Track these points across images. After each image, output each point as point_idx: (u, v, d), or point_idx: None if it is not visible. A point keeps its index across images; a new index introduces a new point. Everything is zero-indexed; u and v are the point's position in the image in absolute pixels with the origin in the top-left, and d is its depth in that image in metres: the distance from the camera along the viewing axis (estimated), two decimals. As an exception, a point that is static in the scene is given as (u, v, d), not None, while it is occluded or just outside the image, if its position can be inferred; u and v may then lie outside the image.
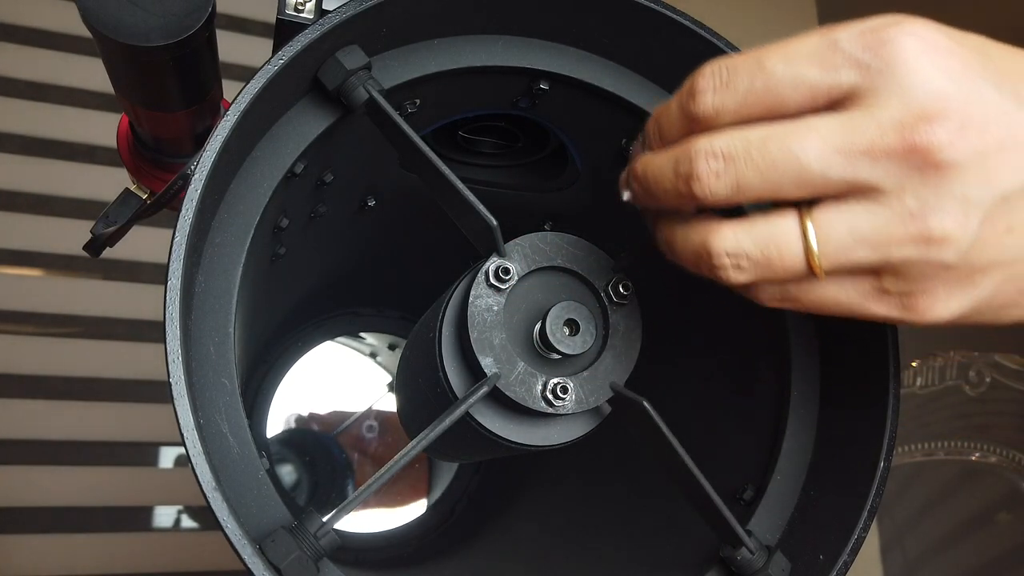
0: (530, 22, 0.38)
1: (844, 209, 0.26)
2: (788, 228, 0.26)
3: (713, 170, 0.26)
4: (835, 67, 0.25)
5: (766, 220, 0.26)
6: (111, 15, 0.34)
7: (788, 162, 0.25)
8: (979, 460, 0.88)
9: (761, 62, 0.26)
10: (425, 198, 0.37)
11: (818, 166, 0.25)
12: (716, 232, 0.27)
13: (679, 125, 0.28)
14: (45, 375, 0.87)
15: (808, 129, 0.25)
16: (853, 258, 0.26)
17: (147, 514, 0.87)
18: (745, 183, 0.26)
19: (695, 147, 0.26)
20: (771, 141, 0.25)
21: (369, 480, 0.30)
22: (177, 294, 0.29)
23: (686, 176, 0.26)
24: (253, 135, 0.34)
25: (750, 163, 0.25)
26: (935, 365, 0.91)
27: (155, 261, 0.92)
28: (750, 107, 0.26)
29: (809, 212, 0.26)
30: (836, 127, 0.25)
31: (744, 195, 0.26)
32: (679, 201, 0.27)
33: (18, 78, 0.93)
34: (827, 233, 0.26)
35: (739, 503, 0.39)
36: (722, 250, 0.27)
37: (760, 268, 0.27)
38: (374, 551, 0.69)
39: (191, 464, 0.28)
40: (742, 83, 0.26)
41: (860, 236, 0.26)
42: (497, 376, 0.33)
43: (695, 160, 0.26)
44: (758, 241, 0.26)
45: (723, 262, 0.27)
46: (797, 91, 0.25)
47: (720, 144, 0.26)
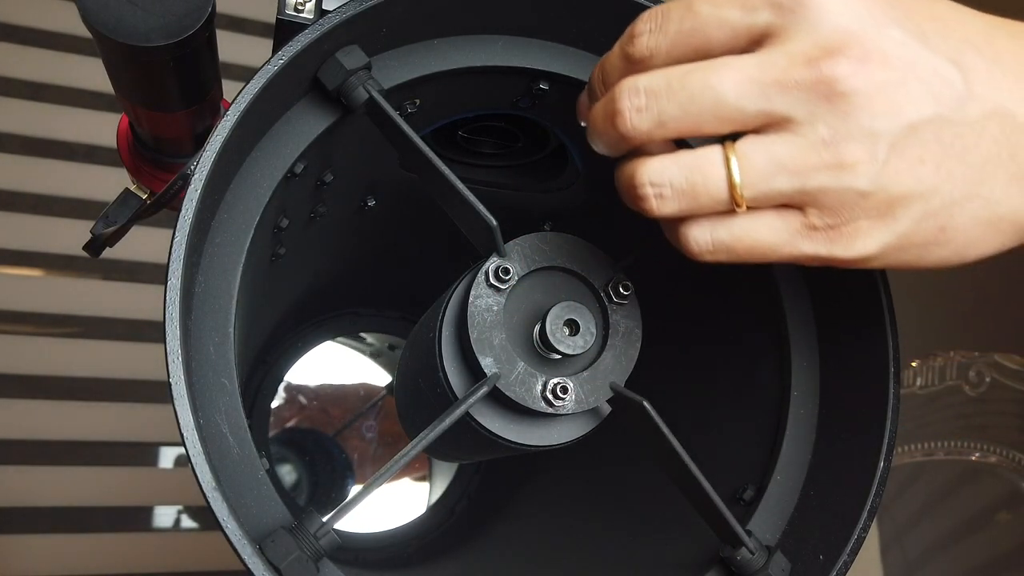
0: (530, 22, 0.38)
1: (763, 139, 0.27)
2: (712, 158, 0.28)
3: (635, 106, 0.27)
4: (753, 8, 0.27)
5: (692, 152, 0.28)
6: (111, 15, 0.34)
7: (705, 94, 0.27)
8: (979, 460, 0.88)
9: (691, 5, 0.28)
10: (425, 198, 0.37)
11: (733, 97, 0.27)
12: (643, 162, 0.29)
13: (619, 68, 0.29)
14: (45, 375, 0.87)
15: (725, 65, 0.27)
16: (773, 186, 0.27)
17: (147, 514, 0.87)
18: (666, 117, 0.27)
19: (622, 85, 0.28)
20: (690, 75, 0.27)
21: (369, 480, 0.30)
22: (177, 294, 0.29)
23: (611, 113, 0.28)
24: (253, 135, 0.34)
25: (671, 97, 0.27)
26: (935, 365, 0.91)
27: (155, 261, 0.92)
28: (680, 47, 0.28)
29: (732, 145, 0.28)
30: (752, 62, 0.27)
31: (666, 130, 0.28)
32: (612, 142, 0.29)
33: (18, 78, 0.93)
34: (747, 161, 0.27)
35: (739, 503, 0.39)
36: (646, 179, 0.28)
37: (684, 197, 0.28)
38: (374, 551, 0.69)
39: (191, 464, 0.28)
40: (672, 25, 0.28)
41: (778, 163, 0.27)
42: (497, 376, 0.33)
43: (619, 98, 0.28)
44: (682, 169, 0.28)
45: (647, 191, 0.28)
46: (720, 31, 0.27)
47: (643, 81, 0.28)
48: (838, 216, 0.28)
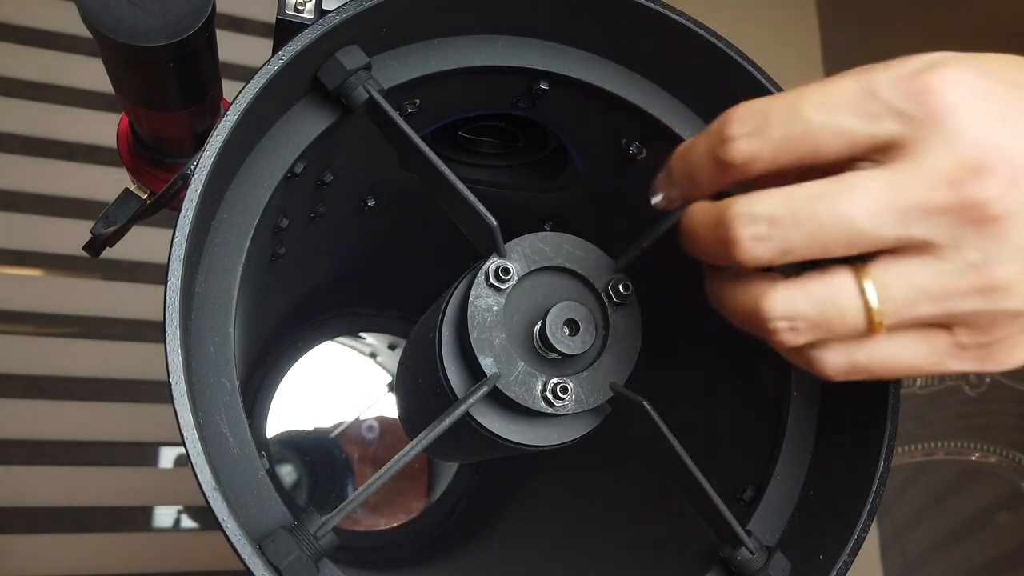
0: (530, 22, 0.38)
1: (902, 264, 0.25)
2: (845, 286, 0.25)
3: (754, 235, 0.25)
4: (875, 117, 0.24)
5: (821, 279, 0.25)
6: (111, 15, 0.34)
7: (837, 223, 0.24)
8: (979, 460, 0.88)
9: (797, 108, 0.25)
10: (425, 198, 0.37)
11: (869, 225, 0.24)
12: (769, 294, 0.26)
13: (709, 169, 0.27)
14: (45, 375, 0.87)
15: (855, 187, 0.24)
16: (916, 313, 0.25)
17: (147, 514, 0.87)
18: (791, 247, 0.25)
19: (734, 211, 0.25)
20: (818, 202, 0.24)
21: (369, 480, 0.31)
22: (177, 294, 0.29)
23: (724, 241, 0.25)
24: (253, 135, 0.34)
25: (797, 226, 0.24)
26: (935, 365, 0.91)
27: (155, 261, 0.92)
28: (786, 154, 0.25)
29: (864, 268, 0.25)
30: (884, 183, 0.24)
31: (790, 258, 0.25)
32: (721, 260, 0.27)
33: (18, 78, 0.93)
34: (886, 289, 0.25)
35: (739, 503, 0.39)
36: (776, 313, 0.26)
37: (818, 330, 0.26)
38: (374, 551, 0.69)
39: (191, 464, 0.28)
40: (777, 130, 0.25)
41: (922, 290, 0.25)
42: (497, 376, 0.33)
43: (733, 225, 0.25)
44: (814, 301, 0.25)
45: (778, 326, 0.26)
46: (836, 140, 0.25)
47: (761, 209, 0.25)
48: (991, 335, 0.26)
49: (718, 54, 0.38)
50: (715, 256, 0.26)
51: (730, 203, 0.26)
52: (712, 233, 0.26)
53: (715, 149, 0.26)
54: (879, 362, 0.27)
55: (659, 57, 0.39)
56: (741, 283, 0.27)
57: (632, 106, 0.40)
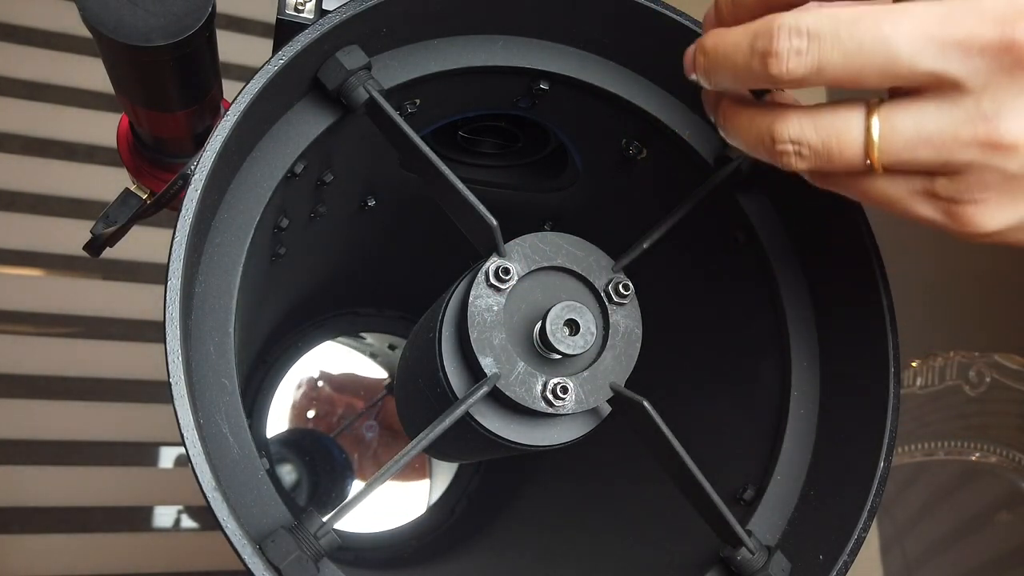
0: (530, 22, 0.38)
1: (915, 106, 0.24)
2: (853, 122, 0.25)
3: (795, 48, 0.24)
4: None
5: (833, 111, 0.25)
6: (111, 15, 0.34)
7: (877, 46, 0.23)
8: (979, 460, 0.88)
9: None
10: (425, 198, 0.37)
11: (908, 54, 0.23)
12: (782, 118, 0.26)
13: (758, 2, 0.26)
14: (45, 375, 0.87)
15: (904, 14, 0.23)
16: (914, 157, 0.25)
17: (147, 514, 0.87)
18: (827, 65, 0.24)
19: (779, 22, 0.24)
20: (863, 22, 0.23)
21: (369, 480, 0.30)
22: (177, 294, 0.29)
23: (763, 52, 0.25)
24: (253, 135, 0.34)
25: (837, 44, 0.24)
26: (935, 365, 0.91)
27: (155, 261, 0.92)
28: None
29: (878, 107, 0.25)
30: (934, 15, 0.23)
31: (822, 78, 0.24)
32: (749, 79, 0.26)
33: (18, 78, 0.93)
34: (892, 130, 0.25)
35: (739, 503, 0.39)
36: (786, 136, 0.26)
37: (820, 158, 0.26)
38: (374, 551, 0.69)
39: (191, 464, 0.28)
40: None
41: (926, 136, 0.24)
42: (497, 376, 0.33)
43: (777, 36, 0.24)
44: (821, 131, 0.25)
45: (786, 148, 0.26)
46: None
47: (807, 21, 0.24)
48: (969, 192, 0.25)
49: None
50: (743, 73, 0.26)
51: (776, 16, 0.25)
52: (750, 45, 0.25)
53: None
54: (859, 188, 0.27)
55: (659, 57, 0.39)
56: (757, 109, 0.27)
57: (632, 106, 0.40)
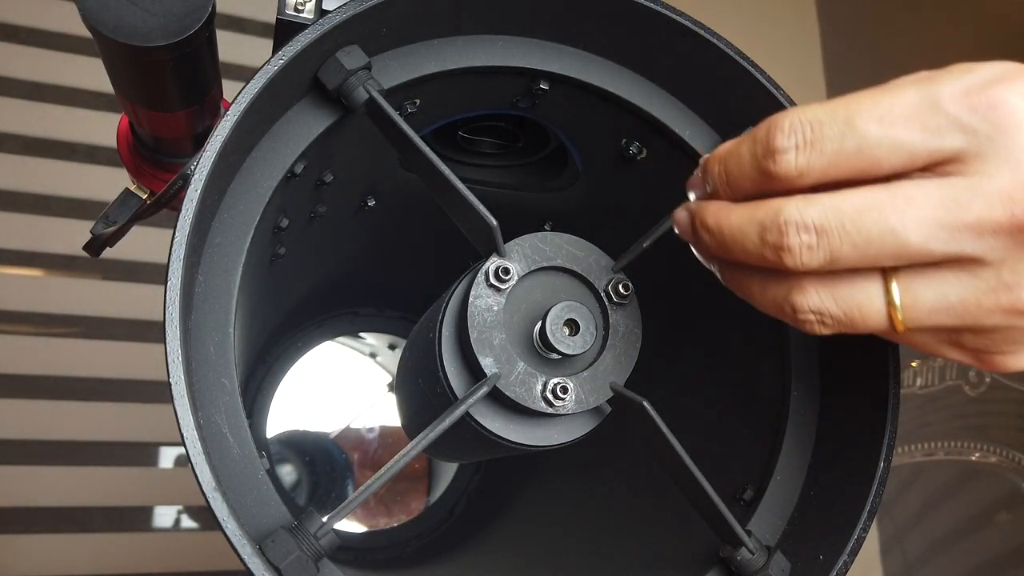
0: (530, 22, 0.38)
1: (935, 278, 0.24)
2: (872, 291, 0.25)
3: (806, 243, 0.24)
4: (938, 131, 0.23)
5: (850, 283, 0.25)
6: (111, 15, 0.34)
7: (886, 237, 0.23)
8: (979, 460, 0.88)
9: (852, 122, 0.23)
10: (425, 198, 0.37)
11: (918, 241, 0.23)
12: (798, 289, 0.26)
13: (753, 178, 0.26)
14: (45, 375, 0.87)
15: (908, 201, 0.23)
16: (936, 322, 0.25)
17: (147, 514, 0.87)
18: (839, 256, 0.24)
19: (784, 217, 0.24)
20: (868, 214, 0.23)
21: (369, 480, 0.30)
22: (177, 294, 0.29)
23: (775, 246, 0.25)
24: (253, 135, 0.34)
25: (845, 238, 0.24)
26: (935, 365, 0.91)
27: (155, 261, 0.92)
28: (839, 169, 0.24)
29: (895, 275, 0.25)
30: (939, 199, 0.23)
31: (837, 266, 0.25)
32: (761, 263, 0.26)
33: (18, 78, 0.93)
34: (915, 301, 0.25)
35: (739, 503, 0.39)
36: (806, 307, 0.26)
37: (843, 326, 0.26)
38: (374, 551, 0.69)
39: (191, 464, 0.28)
40: (830, 144, 0.24)
41: (947, 305, 0.25)
42: (497, 376, 0.33)
43: (786, 232, 0.24)
44: (841, 303, 0.25)
45: (807, 318, 0.26)
46: (894, 155, 0.23)
47: (812, 216, 0.24)
48: (996, 346, 0.26)
49: (718, 54, 0.38)
50: (754, 258, 0.26)
51: (779, 209, 0.25)
52: (758, 236, 0.25)
53: (761, 160, 0.25)
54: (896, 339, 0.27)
55: (659, 57, 0.39)
56: (772, 278, 0.27)
57: (632, 106, 0.40)
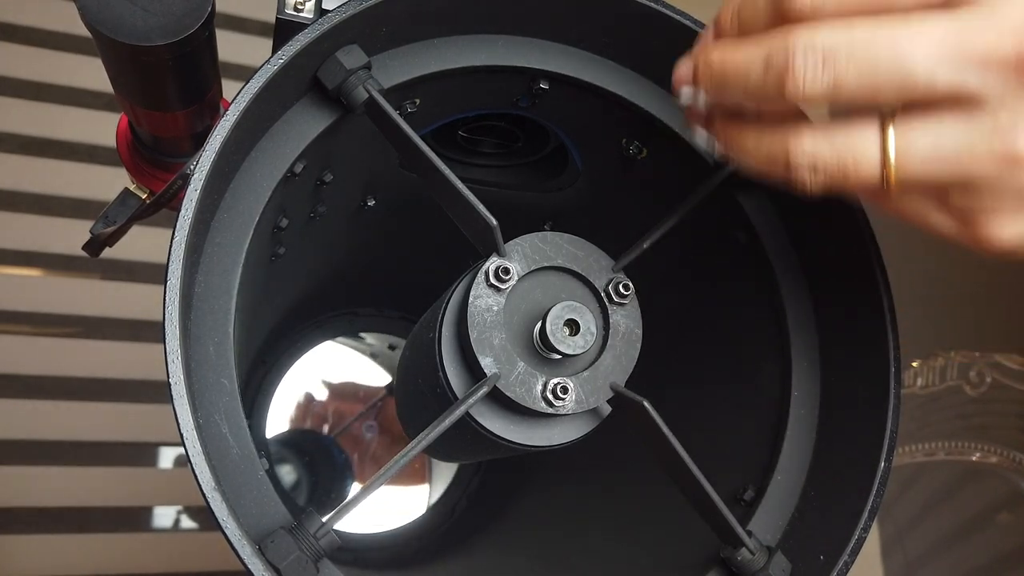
0: (530, 22, 0.38)
1: (932, 122, 0.24)
2: (868, 140, 0.24)
3: (810, 65, 0.23)
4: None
5: (847, 128, 0.25)
6: (111, 15, 0.34)
7: (893, 64, 0.23)
8: (980, 460, 0.88)
9: None
10: (425, 198, 0.37)
11: (925, 70, 0.23)
12: (795, 135, 0.25)
13: (767, 16, 0.25)
14: (45, 375, 0.87)
15: (920, 30, 0.23)
16: (930, 173, 0.24)
17: (146, 514, 0.87)
18: (843, 83, 0.23)
19: (794, 40, 0.24)
20: (878, 40, 0.23)
21: (369, 480, 0.30)
22: (176, 294, 0.29)
23: (779, 70, 0.24)
24: (253, 135, 0.34)
25: (852, 62, 0.23)
26: (935, 365, 0.91)
27: (154, 261, 0.92)
28: (855, 4, 0.24)
29: (892, 122, 0.24)
30: (951, 29, 0.23)
31: (838, 95, 0.24)
32: (760, 98, 0.25)
33: (18, 78, 0.93)
34: (908, 148, 0.24)
35: (739, 504, 0.39)
36: (800, 154, 0.25)
37: (834, 176, 0.25)
38: (374, 551, 0.69)
39: (191, 464, 0.28)
40: None
41: (942, 152, 0.24)
42: (497, 376, 0.33)
43: (793, 54, 0.23)
44: (836, 149, 0.25)
45: (800, 163, 0.25)
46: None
47: (822, 39, 0.23)
48: (983, 202, 0.25)
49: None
50: (754, 91, 0.25)
51: (788, 32, 0.24)
52: (763, 62, 0.24)
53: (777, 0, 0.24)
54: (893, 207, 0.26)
55: (659, 57, 0.39)
56: (768, 127, 0.26)
57: (632, 106, 0.40)
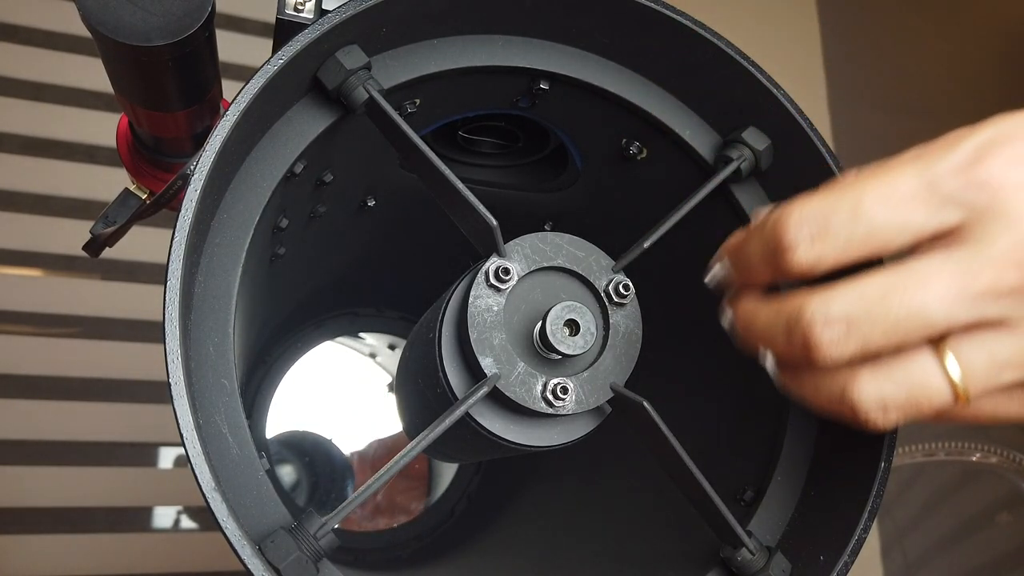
0: (530, 22, 0.38)
1: (979, 338, 0.25)
2: (928, 367, 0.25)
3: (834, 337, 0.25)
4: (939, 208, 0.24)
5: (904, 362, 0.26)
6: (111, 15, 0.34)
7: (912, 316, 0.24)
8: (980, 461, 0.88)
9: (858, 208, 0.25)
10: (425, 198, 0.37)
11: (944, 315, 0.24)
12: (855, 382, 0.26)
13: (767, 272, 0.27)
14: (45, 375, 0.87)
15: (925, 280, 0.24)
16: (1000, 381, 0.26)
17: (146, 515, 0.87)
18: (870, 342, 0.25)
19: (810, 313, 0.25)
20: (890, 297, 0.24)
21: (369, 480, 0.30)
22: (176, 294, 0.29)
23: (803, 344, 0.25)
24: (253, 135, 0.34)
25: (874, 324, 0.25)
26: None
27: (154, 261, 0.92)
28: (851, 255, 0.25)
29: (944, 345, 0.25)
30: (952, 271, 0.24)
31: (870, 351, 0.25)
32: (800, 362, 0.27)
33: (18, 78, 0.93)
34: (969, 364, 0.25)
35: (739, 504, 0.39)
36: (867, 402, 0.26)
37: (908, 411, 0.26)
38: (374, 551, 0.69)
39: (191, 464, 0.28)
40: (841, 232, 0.25)
41: (1003, 361, 0.25)
42: (497, 376, 0.33)
43: (811, 326, 0.25)
44: (901, 386, 0.26)
45: (870, 408, 0.26)
46: (901, 236, 0.25)
47: (837, 309, 0.25)
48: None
49: (719, 54, 0.38)
50: (790, 357, 0.26)
51: (801, 307, 0.25)
52: (786, 337, 0.26)
53: (774, 256, 0.26)
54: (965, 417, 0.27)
55: (659, 57, 0.39)
56: (821, 376, 0.27)
57: (632, 106, 0.40)
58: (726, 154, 0.39)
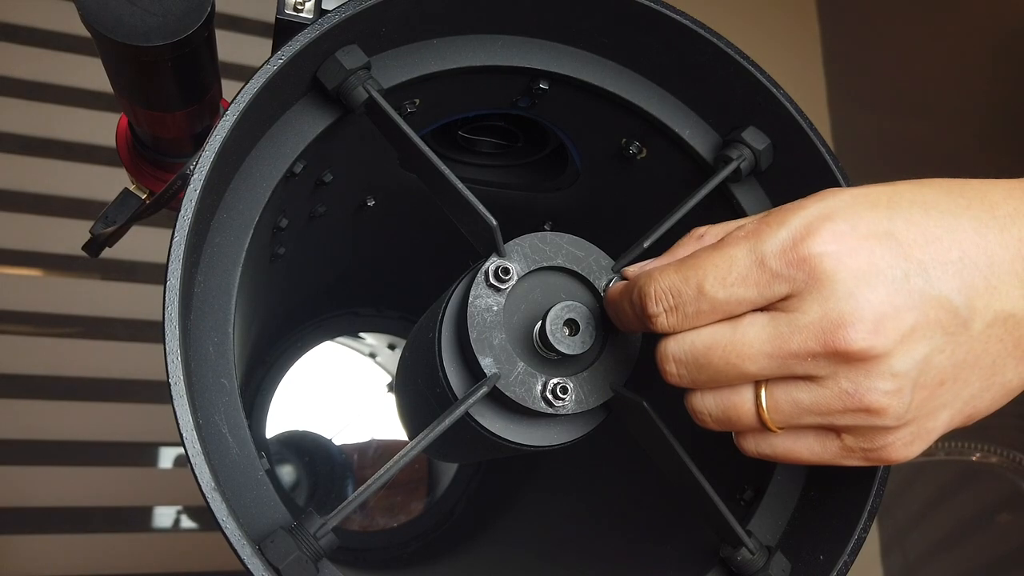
0: (530, 22, 0.38)
1: (789, 386, 0.30)
2: (745, 397, 0.31)
3: (675, 371, 0.31)
4: (767, 284, 0.29)
5: (730, 390, 0.31)
6: (110, 15, 0.34)
7: (730, 369, 0.30)
8: (980, 460, 0.88)
9: (701, 289, 0.30)
10: (425, 198, 0.37)
11: (755, 369, 0.30)
12: (694, 396, 0.32)
13: (640, 325, 0.32)
14: (45, 375, 0.87)
15: (743, 338, 0.30)
16: (802, 421, 0.30)
17: (146, 514, 0.87)
18: (699, 381, 0.31)
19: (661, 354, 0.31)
20: (713, 352, 0.30)
21: (369, 480, 0.30)
22: (176, 294, 0.29)
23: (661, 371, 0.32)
24: (252, 135, 0.34)
25: (701, 371, 0.30)
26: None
27: (154, 261, 0.92)
28: (700, 321, 0.30)
29: (764, 384, 0.30)
30: (767, 335, 0.29)
31: (700, 387, 0.31)
32: None
33: (18, 78, 0.93)
34: (776, 403, 0.30)
35: (739, 504, 0.39)
36: (697, 408, 0.32)
37: (725, 423, 0.32)
38: (374, 551, 0.69)
39: (190, 464, 0.28)
40: (689, 307, 0.30)
41: (803, 407, 0.30)
42: (497, 376, 0.33)
43: (663, 362, 0.31)
44: (721, 405, 0.31)
45: (700, 414, 0.32)
46: (739, 307, 0.30)
47: (672, 350, 0.31)
48: (874, 442, 0.30)
49: (719, 54, 0.38)
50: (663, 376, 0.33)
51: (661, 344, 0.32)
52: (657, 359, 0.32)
53: (642, 319, 0.31)
54: (782, 454, 0.32)
55: (659, 57, 0.39)
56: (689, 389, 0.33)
57: (632, 106, 0.40)
58: (726, 154, 0.39)
